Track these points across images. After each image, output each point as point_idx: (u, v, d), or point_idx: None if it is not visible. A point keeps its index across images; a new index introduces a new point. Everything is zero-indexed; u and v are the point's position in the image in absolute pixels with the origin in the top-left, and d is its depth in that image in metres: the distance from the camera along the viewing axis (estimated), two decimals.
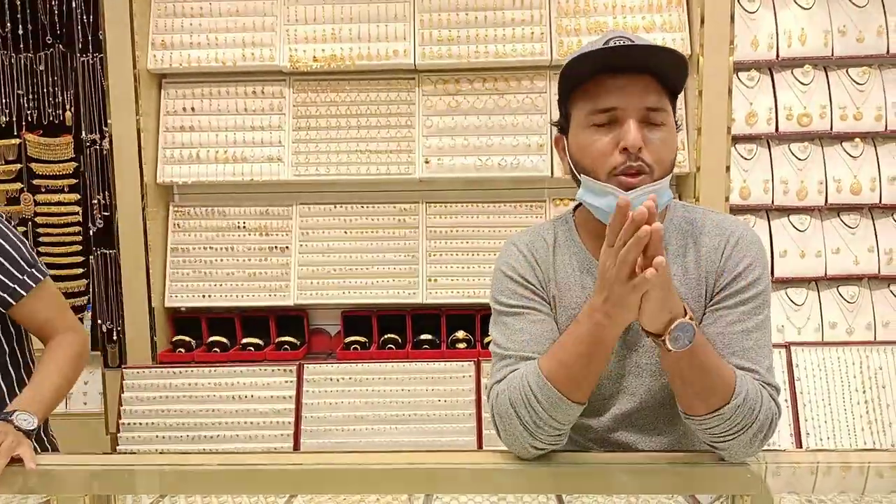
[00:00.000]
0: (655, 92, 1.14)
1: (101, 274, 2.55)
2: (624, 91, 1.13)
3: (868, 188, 2.45)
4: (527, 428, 1.16)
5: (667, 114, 1.16)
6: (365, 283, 2.44)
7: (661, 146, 1.14)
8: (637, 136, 1.11)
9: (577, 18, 2.38)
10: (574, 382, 1.13)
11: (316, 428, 2.24)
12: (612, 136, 1.14)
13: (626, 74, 1.13)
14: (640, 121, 1.13)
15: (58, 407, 2.73)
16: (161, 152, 2.46)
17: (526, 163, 2.39)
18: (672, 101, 1.19)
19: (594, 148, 1.15)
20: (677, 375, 1.12)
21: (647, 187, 1.12)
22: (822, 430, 2.26)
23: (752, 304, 1.19)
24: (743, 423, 1.12)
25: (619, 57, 1.13)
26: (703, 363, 1.10)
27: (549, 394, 1.13)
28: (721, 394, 1.11)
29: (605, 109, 1.14)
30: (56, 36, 2.69)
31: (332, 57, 2.39)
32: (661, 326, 1.07)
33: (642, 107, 1.13)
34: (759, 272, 1.21)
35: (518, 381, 1.17)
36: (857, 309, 2.46)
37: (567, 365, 1.12)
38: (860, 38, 2.44)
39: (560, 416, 1.15)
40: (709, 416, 1.12)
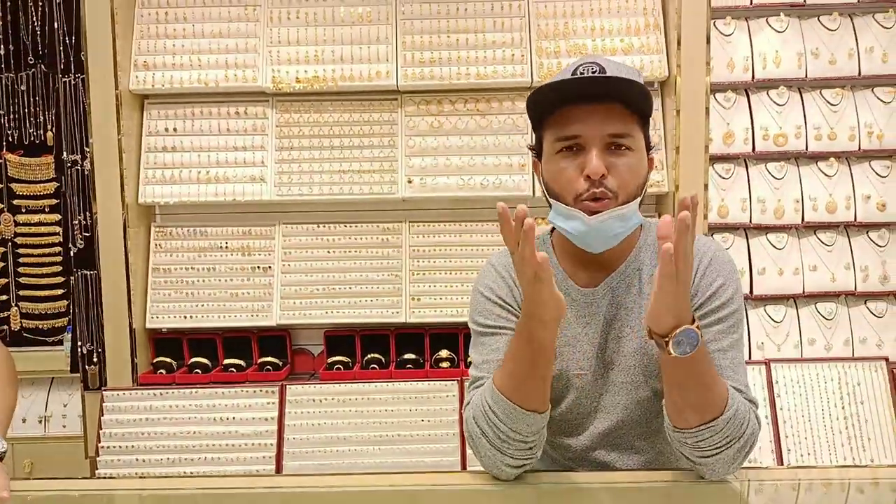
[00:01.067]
0: (620, 119, 1.17)
1: (81, 295, 2.53)
2: (587, 119, 1.16)
3: (843, 206, 2.49)
4: (493, 444, 1.17)
5: (633, 139, 1.18)
6: (348, 303, 2.43)
7: (625, 172, 1.17)
8: (598, 165, 1.14)
9: (556, 41, 2.41)
10: (523, 391, 1.14)
11: (298, 450, 2.23)
12: (577, 164, 1.17)
13: (589, 103, 1.16)
14: (604, 148, 1.16)
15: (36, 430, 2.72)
16: (143, 172, 2.46)
17: (508, 182, 2.41)
18: (642, 125, 1.21)
19: (561, 175, 1.18)
20: (675, 384, 1.12)
21: (612, 211, 1.16)
22: (802, 447, 2.28)
23: (727, 323, 1.21)
24: (732, 437, 1.13)
25: (580, 88, 1.16)
26: (702, 374, 1.10)
27: (504, 405, 1.14)
28: (716, 405, 1.11)
29: (570, 137, 1.17)
30: (38, 56, 2.69)
31: (314, 78, 2.40)
32: (667, 329, 1.06)
33: (605, 134, 1.16)
34: (732, 292, 1.23)
35: (478, 399, 1.19)
36: (835, 325, 2.50)
37: (513, 374, 1.14)
38: (832, 61, 2.50)
39: (520, 428, 1.15)
40: (701, 428, 1.12)
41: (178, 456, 2.22)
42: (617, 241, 1.19)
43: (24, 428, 2.73)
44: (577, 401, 1.27)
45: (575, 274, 1.27)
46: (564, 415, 1.29)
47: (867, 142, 2.50)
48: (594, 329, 1.26)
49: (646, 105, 1.19)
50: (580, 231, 1.17)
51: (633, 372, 1.25)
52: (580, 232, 1.18)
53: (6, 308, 2.79)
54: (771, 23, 2.52)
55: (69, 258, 2.60)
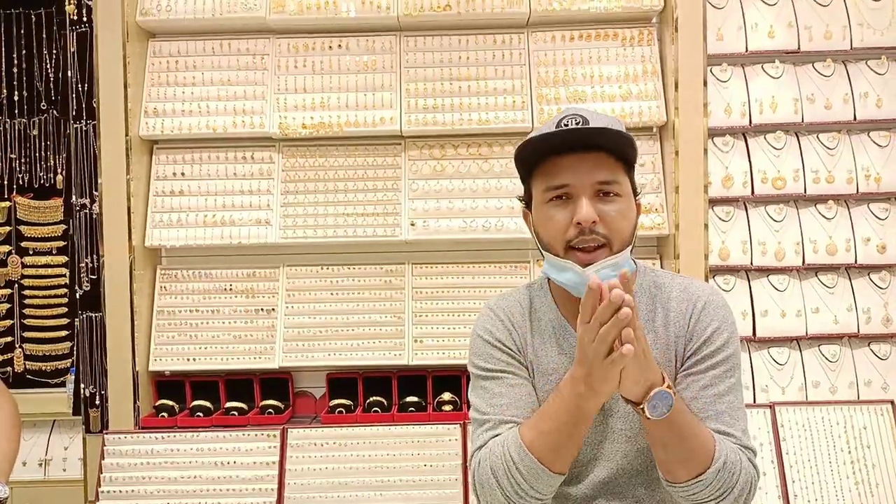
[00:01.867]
0: (607, 166, 1.19)
1: (85, 337, 2.54)
2: (575, 168, 1.18)
3: (843, 249, 2.51)
4: (508, 497, 1.15)
5: (620, 185, 1.20)
6: (351, 345, 2.44)
7: (616, 218, 1.18)
8: (589, 211, 1.15)
9: (556, 88, 2.47)
10: (555, 453, 1.13)
11: (299, 495, 2.20)
12: (566, 212, 1.18)
13: (576, 152, 1.18)
14: (593, 195, 1.17)
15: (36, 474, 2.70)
16: (150, 216, 2.49)
17: (510, 224, 2.44)
18: (627, 171, 1.23)
19: (551, 224, 1.20)
20: (658, 442, 1.13)
21: (606, 261, 1.16)
22: (809, 492, 2.25)
23: (723, 368, 1.21)
24: (724, 488, 1.12)
25: (566, 139, 1.18)
26: (682, 430, 1.11)
27: (530, 464, 1.13)
28: (702, 459, 1.11)
29: (559, 186, 1.19)
30: (51, 102, 2.76)
31: (320, 124, 2.45)
32: (640, 395, 1.09)
33: (594, 181, 1.18)
34: (727, 336, 1.23)
35: (500, 450, 1.17)
36: (839, 368, 2.49)
37: (548, 435, 1.13)
38: (828, 105, 2.54)
39: (541, 487, 1.14)
40: (691, 483, 1.12)
41: (179, 501, 2.19)
42: None
43: (24, 471, 2.71)
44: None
45: (572, 319, 1.28)
46: None
47: (865, 185, 2.53)
48: None
49: (630, 152, 1.21)
50: (574, 282, 1.18)
51: (632, 419, 1.24)
52: (574, 283, 1.18)
53: (10, 350, 2.80)
54: (766, 69, 2.58)
55: (75, 300, 2.62)
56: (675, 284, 1.29)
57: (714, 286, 1.33)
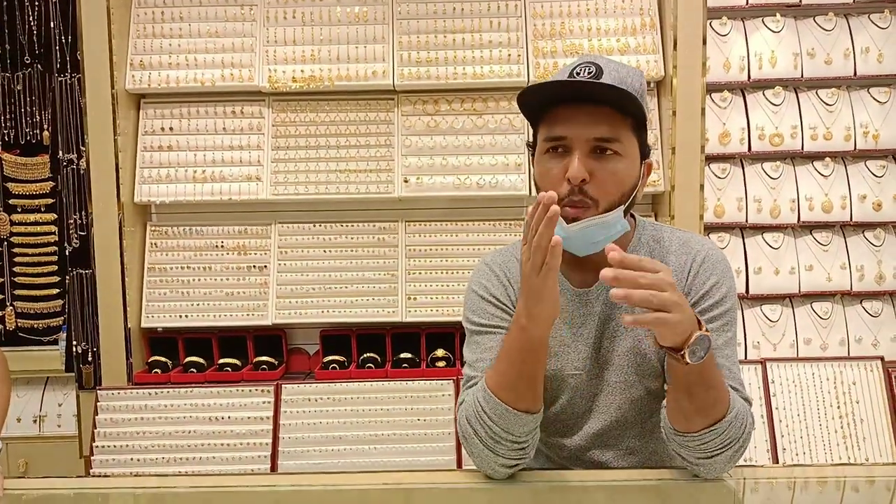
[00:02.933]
0: (609, 122, 1.14)
1: (76, 294, 2.52)
2: (574, 121, 1.14)
3: (839, 206, 2.50)
4: (485, 444, 1.16)
5: (621, 144, 1.15)
6: (344, 302, 2.43)
7: (608, 178, 1.14)
8: (579, 169, 1.12)
9: (552, 41, 2.42)
10: (514, 391, 1.13)
11: (293, 449, 2.22)
12: (562, 165, 1.15)
13: (579, 104, 1.14)
14: (589, 151, 1.14)
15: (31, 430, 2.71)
16: (139, 172, 2.45)
17: (504, 182, 2.41)
18: (636, 129, 1.18)
19: (547, 176, 1.17)
20: (684, 390, 1.11)
21: (591, 220, 1.13)
22: (797, 445, 2.28)
23: (721, 322, 1.21)
24: (733, 437, 1.13)
25: (568, 90, 1.14)
26: (712, 376, 1.10)
27: (495, 405, 1.13)
28: (720, 408, 1.11)
29: (556, 138, 1.16)
30: (34, 56, 2.68)
31: (311, 77, 2.40)
32: (680, 343, 1.05)
33: (591, 137, 1.13)
34: (726, 290, 1.22)
35: (471, 399, 1.18)
36: (831, 325, 2.50)
37: (504, 374, 1.13)
38: (828, 61, 2.50)
39: (512, 428, 1.14)
40: (705, 432, 1.12)
41: (173, 455, 2.21)
42: (598, 248, 1.16)
43: (18, 427, 2.72)
44: (571, 401, 1.27)
45: (570, 274, 1.27)
46: (559, 415, 1.29)
47: (863, 142, 2.50)
48: (589, 329, 1.25)
49: (637, 109, 1.16)
50: (560, 237, 1.14)
51: (627, 371, 1.24)
52: (561, 237, 1.15)
53: (2, 308, 2.78)
54: (767, 23, 2.53)
55: (65, 257, 2.59)
56: (674, 238, 1.28)
57: (713, 241, 1.32)
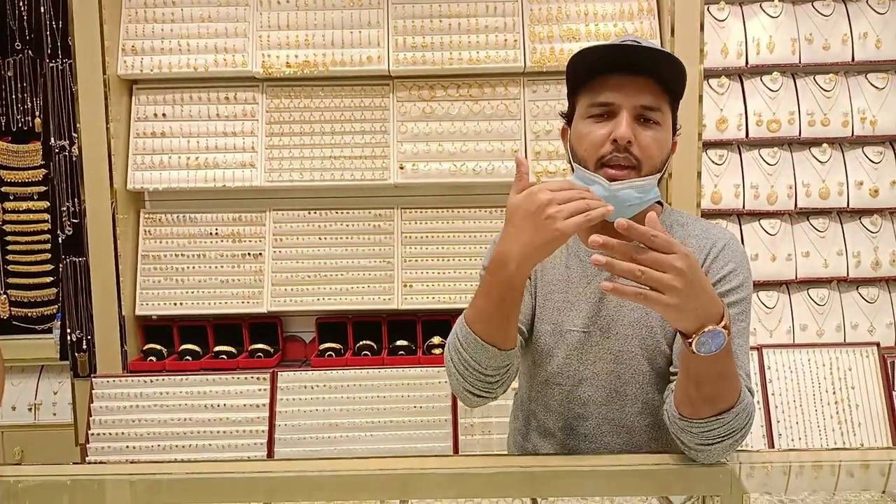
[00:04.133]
0: (653, 93, 1.19)
1: (70, 282, 2.51)
2: (622, 88, 1.18)
3: (836, 193, 2.49)
4: (458, 371, 1.19)
5: (662, 114, 1.20)
6: (340, 290, 2.42)
7: (651, 143, 1.18)
8: (627, 130, 1.16)
9: (549, 26, 2.39)
10: (487, 325, 1.14)
11: (290, 436, 2.22)
12: (606, 129, 1.19)
13: (627, 73, 1.18)
14: (634, 117, 1.18)
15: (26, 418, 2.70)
16: (131, 159, 2.43)
17: (500, 168, 2.40)
18: (672, 104, 1.23)
19: (588, 138, 1.20)
20: (692, 378, 1.10)
21: (633, 181, 1.17)
22: (793, 431, 2.29)
23: (735, 310, 1.20)
24: (737, 428, 1.12)
25: (621, 55, 1.18)
26: (724, 370, 1.08)
27: (468, 335, 1.16)
28: (728, 399, 1.10)
29: (603, 104, 1.20)
30: (25, 42, 2.65)
31: (305, 63, 2.38)
32: (691, 328, 1.02)
33: (637, 104, 1.18)
34: (742, 279, 1.23)
35: (453, 329, 1.22)
36: (827, 311, 2.50)
37: (480, 309, 1.15)
38: (826, 46, 2.49)
39: (480, 359, 1.16)
40: (712, 419, 1.11)
41: (169, 443, 2.21)
42: (633, 211, 1.18)
43: (14, 416, 2.71)
44: (567, 360, 1.28)
45: (583, 234, 1.27)
46: (556, 377, 1.29)
47: (860, 128, 2.49)
48: (593, 289, 1.27)
49: (679, 84, 1.21)
50: (599, 196, 1.14)
51: (631, 343, 1.25)
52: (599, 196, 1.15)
53: None
54: (765, 8, 2.51)
55: (58, 245, 2.57)
56: (697, 225, 1.30)
57: (733, 234, 1.33)
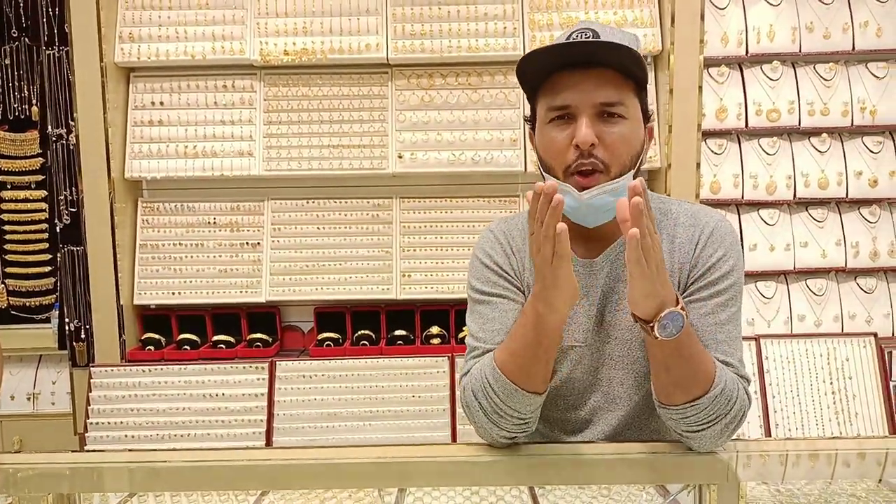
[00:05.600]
0: (613, 86, 1.13)
1: (68, 271, 2.51)
2: (578, 87, 1.13)
3: (835, 182, 2.49)
4: (489, 418, 1.16)
5: (626, 107, 1.14)
6: (338, 279, 2.42)
7: (617, 141, 1.13)
8: (588, 133, 1.11)
9: (549, 13, 2.38)
10: (524, 372, 1.13)
11: (288, 426, 2.22)
12: (567, 133, 1.14)
13: (581, 69, 1.13)
14: (595, 116, 1.13)
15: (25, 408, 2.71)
16: (129, 147, 2.42)
17: (499, 158, 2.39)
18: (637, 92, 1.18)
19: (552, 145, 1.16)
20: (661, 363, 1.11)
21: (604, 186, 1.13)
22: (790, 421, 2.29)
23: (725, 296, 1.19)
24: (718, 414, 1.12)
25: (570, 53, 1.12)
26: (688, 353, 1.09)
27: (504, 384, 1.13)
28: (702, 384, 1.10)
29: (561, 107, 1.14)
30: (21, 29, 2.63)
31: (303, 50, 2.36)
32: (651, 313, 1.05)
33: (597, 102, 1.12)
34: (732, 264, 1.21)
35: (478, 374, 1.18)
36: (825, 301, 2.50)
37: (516, 355, 1.12)
38: (826, 35, 2.47)
39: (519, 407, 1.14)
40: (686, 406, 1.11)
41: (168, 432, 2.21)
42: (611, 215, 1.15)
43: (13, 405, 2.71)
44: (572, 374, 1.26)
45: (573, 245, 1.25)
46: (560, 389, 1.28)
47: (860, 117, 2.48)
48: (591, 301, 1.24)
49: (640, 71, 1.15)
50: (572, 207, 1.14)
51: (631, 346, 1.23)
52: (572, 208, 1.15)
53: None
54: None
55: (56, 234, 2.57)
56: (682, 211, 1.26)
57: (722, 214, 1.30)
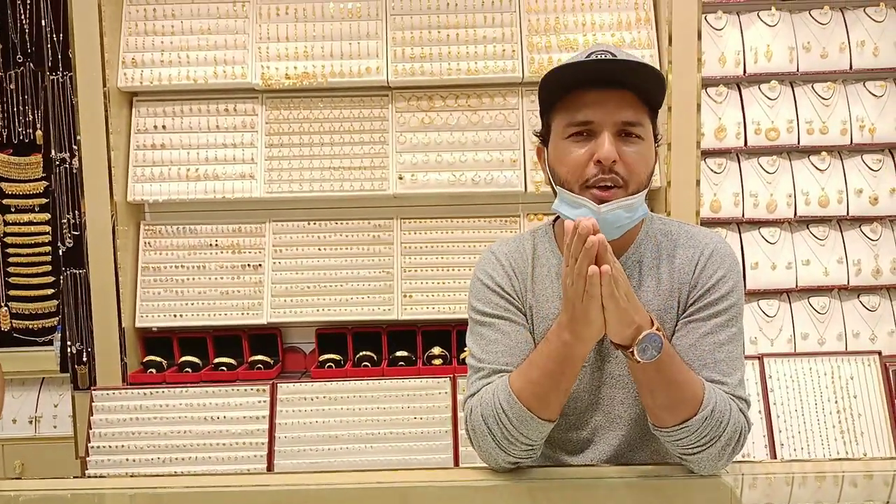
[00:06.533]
0: (632, 107, 1.15)
1: (71, 294, 2.51)
2: (601, 105, 1.14)
3: (835, 200, 2.49)
4: (498, 444, 1.16)
5: (644, 128, 1.17)
6: (339, 300, 2.42)
7: (636, 160, 1.15)
8: (611, 150, 1.13)
9: (547, 36, 2.40)
10: (543, 400, 1.13)
11: (290, 448, 2.21)
12: (587, 149, 1.15)
13: (604, 89, 1.15)
14: (615, 134, 1.15)
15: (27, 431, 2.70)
16: (132, 171, 2.44)
17: (499, 178, 2.40)
18: (651, 116, 1.20)
19: (570, 160, 1.16)
20: (646, 386, 1.13)
21: (621, 201, 1.14)
22: (795, 441, 2.28)
23: (725, 317, 1.20)
24: (710, 436, 1.12)
25: (596, 71, 1.14)
26: (671, 374, 1.10)
27: (519, 411, 1.13)
28: (689, 405, 1.11)
29: (582, 122, 1.16)
30: (26, 54, 2.66)
31: (304, 74, 2.39)
32: (628, 338, 1.07)
33: (618, 121, 1.14)
34: (732, 285, 1.21)
35: (490, 398, 1.17)
36: (828, 320, 2.49)
37: (536, 383, 1.13)
38: (824, 54, 2.49)
39: (530, 433, 1.15)
40: (676, 428, 1.12)
41: (169, 455, 2.20)
42: (621, 232, 1.18)
43: (14, 429, 2.71)
44: (575, 394, 1.26)
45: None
46: (562, 409, 1.27)
47: (859, 135, 2.49)
48: None
49: (659, 95, 1.18)
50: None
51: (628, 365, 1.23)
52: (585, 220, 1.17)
53: None
54: (762, 17, 2.52)
55: (58, 257, 2.57)
56: (682, 232, 1.27)
57: (722, 236, 1.31)
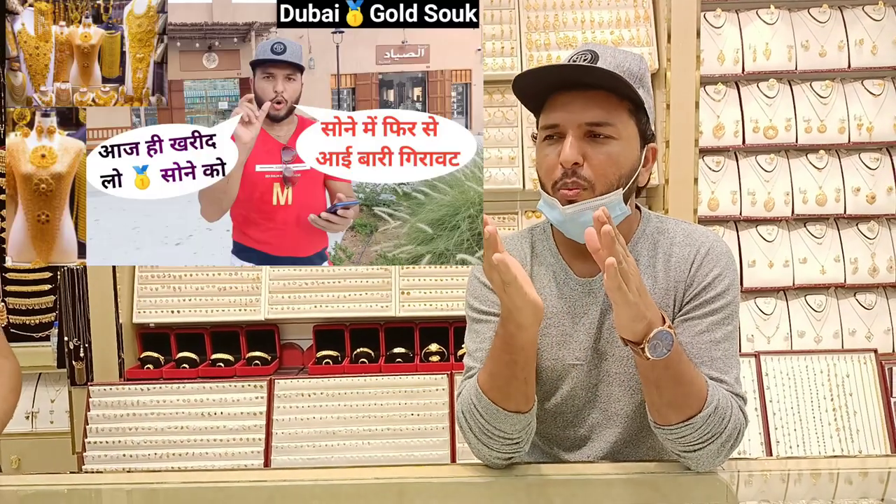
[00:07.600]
0: (603, 106, 1.15)
1: (68, 290, 2.51)
2: (566, 107, 1.16)
3: (833, 199, 2.50)
4: (479, 439, 1.18)
5: (615, 128, 1.15)
6: (337, 297, 2.42)
7: (603, 161, 1.15)
8: (570, 153, 1.13)
9: (546, 33, 2.40)
10: (503, 392, 1.14)
11: (287, 444, 2.22)
12: (556, 151, 1.17)
13: (574, 90, 1.15)
14: (582, 136, 1.15)
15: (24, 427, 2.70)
16: None
17: (498, 175, 2.40)
18: (634, 112, 1.18)
19: (543, 162, 1.19)
20: (652, 383, 1.12)
21: (584, 203, 1.15)
22: (791, 438, 2.29)
23: (721, 315, 1.20)
24: (713, 433, 1.12)
25: (560, 74, 1.16)
26: (679, 372, 1.10)
27: (486, 405, 1.15)
28: (694, 403, 1.11)
29: (551, 126, 1.18)
30: None
31: None
32: (639, 334, 1.07)
33: (582, 122, 1.15)
34: (728, 283, 1.22)
35: (466, 394, 1.20)
36: (825, 318, 2.50)
37: (495, 375, 1.14)
38: (822, 53, 2.50)
39: (504, 427, 1.15)
40: (680, 426, 1.12)
41: (166, 451, 2.20)
42: None
43: (11, 424, 2.65)
44: (572, 392, 1.27)
45: (573, 263, 1.27)
46: (560, 406, 1.28)
47: (857, 134, 2.50)
48: (591, 319, 1.25)
49: (632, 91, 1.15)
50: (558, 220, 1.19)
51: (629, 363, 1.24)
52: (558, 221, 1.19)
53: None
54: (761, 15, 2.52)
55: None
56: (678, 230, 1.28)
57: (718, 234, 1.31)
